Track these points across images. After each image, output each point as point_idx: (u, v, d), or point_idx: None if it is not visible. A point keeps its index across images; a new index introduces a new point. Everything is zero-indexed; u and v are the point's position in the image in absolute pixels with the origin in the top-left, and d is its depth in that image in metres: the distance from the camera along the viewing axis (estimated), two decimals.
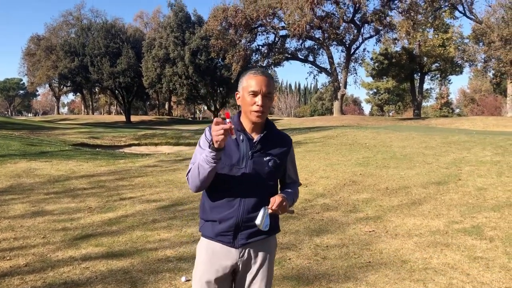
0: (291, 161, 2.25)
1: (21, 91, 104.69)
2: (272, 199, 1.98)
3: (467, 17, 39.05)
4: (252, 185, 2.03)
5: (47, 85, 66.74)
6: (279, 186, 2.25)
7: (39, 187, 7.79)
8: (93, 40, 49.21)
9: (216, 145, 1.82)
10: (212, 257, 2.09)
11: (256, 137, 2.07)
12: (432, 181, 7.36)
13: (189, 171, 2.05)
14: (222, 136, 1.78)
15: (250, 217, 2.02)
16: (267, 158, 2.07)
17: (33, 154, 11.80)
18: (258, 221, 1.91)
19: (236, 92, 2.12)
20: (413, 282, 3.70)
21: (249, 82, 2.02)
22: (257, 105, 1.99)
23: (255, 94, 1.99)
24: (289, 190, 2.19)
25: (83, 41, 50.21)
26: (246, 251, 2.08)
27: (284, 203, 2.00)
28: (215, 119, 1.80)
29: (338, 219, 5.67)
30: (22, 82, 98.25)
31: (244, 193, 2.03)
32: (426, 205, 6.13)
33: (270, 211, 1.95)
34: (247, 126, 2.08)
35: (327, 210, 6.12)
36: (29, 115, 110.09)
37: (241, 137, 2.05)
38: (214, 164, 1.89)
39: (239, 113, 2.15)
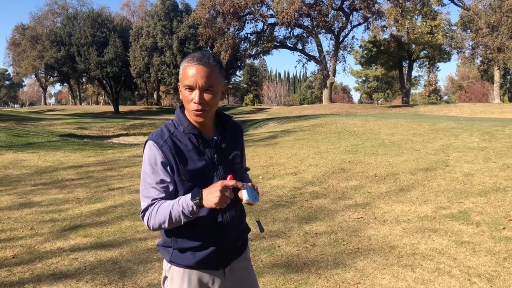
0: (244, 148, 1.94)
1: (7, 82, 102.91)
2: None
3: (455, 4, 39.24)
4: None
5: (33, 76, 65.70)
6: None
7: (26, 178, 7.71)
8: (79, 29, 48.47)
9: (209, 206, 1.52)
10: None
11: (213, 135, 1.73)
12: (420, 168, 7.42)
13: (145, 210, 1.64)
14: (226, 204, 1.51)
15: (240, 230, 1.82)
16: (232, 155, 1.77)
17: (20, 145, 11.66)
18: (245, 197, 1.59)
19: (178, 84, 1.71)
20: (401, 267, 3.73)
21: (184, 73, 1.61)
22: (194, 103, 1.59)
23: (190, 88, 1.60)
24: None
25: (69, 31, 49.43)
26: (231, 266, 1.80)
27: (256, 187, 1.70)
28: (224, 183, 1.52)
29: (327, 207, 5.70)
30: (7, 73, 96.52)
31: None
32: (414, 191, 6.18)
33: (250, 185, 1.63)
34: (196, 123, 1.69)
35: (316, 198, 6.15)
36: (15, 106, 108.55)
37: (199, 141, 1.68)
38: (194, 217, 1.59)
39: (183, 107, 1.73)
